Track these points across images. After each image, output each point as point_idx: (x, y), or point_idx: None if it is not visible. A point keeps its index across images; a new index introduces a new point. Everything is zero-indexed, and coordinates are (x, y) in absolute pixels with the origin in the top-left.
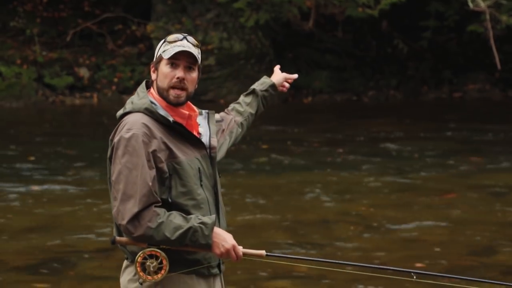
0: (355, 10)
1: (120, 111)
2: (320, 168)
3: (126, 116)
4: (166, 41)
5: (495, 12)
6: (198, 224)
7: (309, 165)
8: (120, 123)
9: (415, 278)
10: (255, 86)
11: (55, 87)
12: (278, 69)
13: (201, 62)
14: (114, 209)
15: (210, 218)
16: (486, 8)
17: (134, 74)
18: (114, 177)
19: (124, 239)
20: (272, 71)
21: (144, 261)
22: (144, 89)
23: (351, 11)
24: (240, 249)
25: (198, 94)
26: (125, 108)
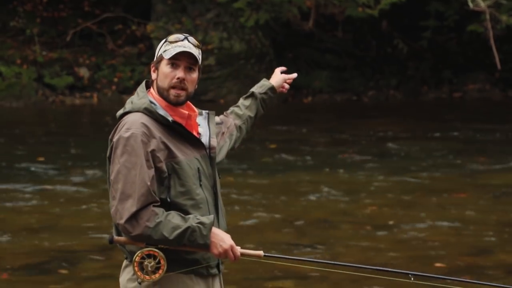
0: (355, 10)
1: (120, 110)
2: (326, 168)
3: (125, 116)
4: (167, 41)
5: (495, 12)
6: (196, 224)
7: (314, 164)
8: (119, 123)
9: (412, 279)
10: (254, 89)
11: (55, 87)
12: (279, 70)
13: (201, 62)
14: (112, 208)
15: (209, 218)
16: (486, 8)
17: (134, 74)
18: (112, 176)
19: (122, 239)
20: (272, 71)
21: (142, 260)
22: (144, 89)
23: (351, 11)
24: (238, 249)
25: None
26: (125, 108)
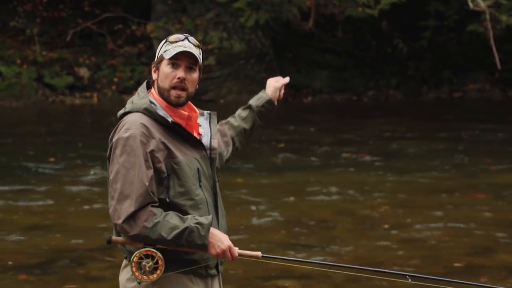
0: (355, 10)
1: (121, 110)
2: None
3: (125, 116)
4: (167, 41)
5: (495, 12)
6: (194, 225)
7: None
8: (119, 123)
9: (410, 281)
10: (252, 101)
11: (55, 87)
12: (271, 81)
13: (201, 62)
14: (111, 208)
15: (207, 219)
16: (486, 8)
17: (134, 74)
18: (111, 176)
19: (120, 239)
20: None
21: (140, 261)
22: (144, 89)
23: (351, 11)
24: (236, 250)
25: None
26: (125, 108)
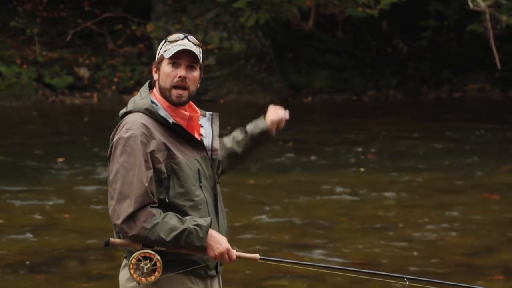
0: (355, 10)
1: (123, 110)
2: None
3: (127, 116)
4: (167, 41)
5: (495, 12)
6: (193, 226)
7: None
8: (120, 123)
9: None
10: (249, 126)
11: (55, 87)
12: (271, 110)
13: (201, 61)
14: (110, 208)
15: (206, 221)
16: (486, 8)
17: (134, 74)
18: (111, 176)
19: (118, 241)
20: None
21: (138, 262)
22: (147, 89)
23: (351, 11)
24: (234, 252)
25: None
26: (127, 108)
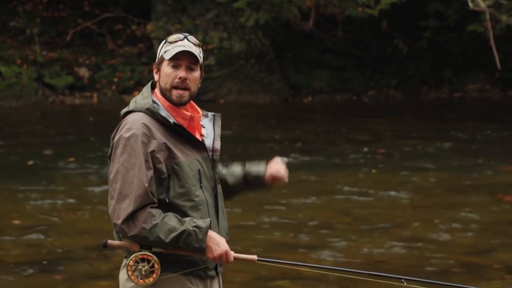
0: (355, 10)
1: (124, 109)
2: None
3: (128, 115)
4: (167, 41)
5: (495, 12)
6: (192, 228)
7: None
8: (121, 122)
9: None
10: (249, 165)
11: (55, 87)
12: (273, 165)
13: (202, 60)
14: (110, 208)
15: (205, 222)
16: (486, 8)
17: (134, 74)
18: (111, 176)
19: (116, 243)
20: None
21: (136, 264)
22: (149, 89)
23: (351, 11)
24: (232, 254)
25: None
26: (128, 107)
